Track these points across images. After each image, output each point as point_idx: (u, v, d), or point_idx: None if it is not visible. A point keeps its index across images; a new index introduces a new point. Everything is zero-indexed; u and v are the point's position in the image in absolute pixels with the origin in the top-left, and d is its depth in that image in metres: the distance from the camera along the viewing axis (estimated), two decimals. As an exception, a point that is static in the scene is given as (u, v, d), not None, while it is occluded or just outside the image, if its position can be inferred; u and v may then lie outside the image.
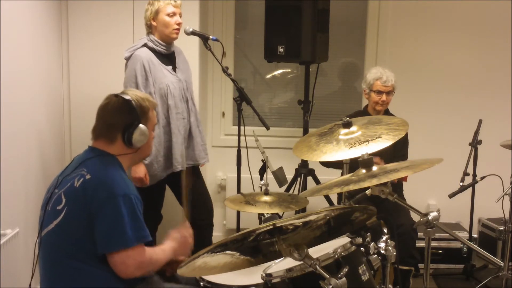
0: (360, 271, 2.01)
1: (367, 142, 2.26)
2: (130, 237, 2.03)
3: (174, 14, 3.23)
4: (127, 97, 2.18)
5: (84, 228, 2.04)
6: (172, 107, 3.23)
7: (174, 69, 3.33)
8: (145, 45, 3.22)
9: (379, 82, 3.51)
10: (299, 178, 3.86)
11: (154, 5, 3.22)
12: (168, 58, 3.32)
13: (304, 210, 3.06)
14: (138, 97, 2.21)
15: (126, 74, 3.21)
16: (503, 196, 3.33)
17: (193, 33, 3.29)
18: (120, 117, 2.16)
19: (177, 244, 2.29)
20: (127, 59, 3.22)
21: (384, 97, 3.51)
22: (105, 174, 2.08)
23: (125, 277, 2.06)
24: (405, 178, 3.52)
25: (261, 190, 2.81)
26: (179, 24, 3.24)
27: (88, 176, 2.07)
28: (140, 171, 3.14)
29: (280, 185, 3.11)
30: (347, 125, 2.38)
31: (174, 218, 3.57)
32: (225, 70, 3.27)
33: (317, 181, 3.82)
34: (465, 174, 3.61)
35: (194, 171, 3.47)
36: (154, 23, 3.23)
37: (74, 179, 2.09)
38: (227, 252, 1.86)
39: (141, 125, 2.16)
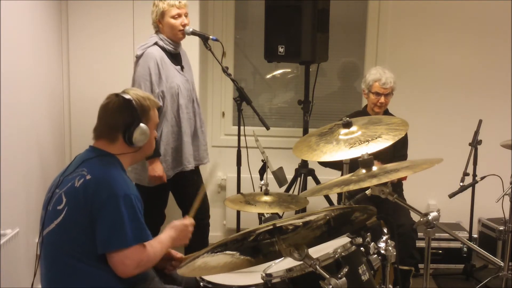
0: (360, 271, 2.01)
1: (367, 142, 2.26)
2: (130, 238, 2.03)
3: (179, 15, 3.22)
4: (127, 96, 2.17)
5: (84, 228, 2.04)
6: (182, 107, 3.24)
7: (182, 69, 3.33)
8: (156, 43, 3.22)
9: (378, 84, 3.51)
10: (299, 178, 3.86)
11: (158, 7, 3.21)
12: (176, 58, 3.33)
13: (304, 210, 3.06)
14: (139, 96, 2.20)
15: (139, 72, 3.19)
16: (503, 196, 3.33)
17: (193, 33, 3.29)
18: (120, 117, 2.16)
19: (176, 232, 2.29)
20: (139, 57, 3.21)
21: (382, 99, 3.52)
22: (106, 174, 2.08)
23: (125, 277, 2.06)
24: (404, 177, 3.52)
25: (261, 190, 2.81)
26: (184, 25, 3.24)
27: (88, 177, 2.07)
28: (158, 169, 3.15)
29: (280, 185, 3.11)
30: (347, 125, 2.38)
31: (176, 219, 3.56)
32: (225, 70, 3.27)
33: (317, 181, 3.82)
34: (465, 174, 3.61)
35: (195, 172, 3.48)
36: (160, 25, 3.23)
37: (75, 179, 2.09)
38: (227, 252, 1.86)
39: (141, 125, 2.16)
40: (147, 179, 3.23)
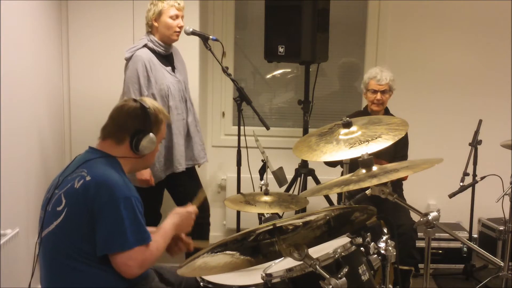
0: (360, 271, 2.01)
1: (367, 142, 2.26)
2: (130, 240, 2.03)
3: (177, 16, 3.23)
4: (145, 104, 2.21)
5: (84, 230, 2.04)
6: (173, 108, 3.24)
7: (173, 70, 3.33)
8: (145, 45, 3.22)
9: (373, 81, 3.55)
10: (299, 178, 3.86)
11: (157, 6, 3.21)
12: (167, 59, 3.32)
13: (304, 210, 3.06)
14: (156, 108, 2.24)
15: (128, 75, 3.20)
16: (503, 196, 3.33)
17: (193, 33, 3.29)
18: (133, 121, 2.18)
19: (180, 219, 2.28)
20: (128, 59, 3.22)
21: (378, 95, 3.53)
22: (106, 176, 2.08)
23: (129, 277, 2.06)
24: (405, 177, 3.52)
25: (261, 190, 2.81)
26: (180, 27, 3.24)
27: (88, 178, 2.07)
28: (145, 172, 3.15)
29: (280, 185, 3.11)
30: (347, 125, 2.38)
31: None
32: (225, 70, 3.27)
33: (317, 181, 3.82)
34: (465, 174, 3.61)
35: (191, 172, 3.47)
36: (155, 24, 3.23)
37: (75, 180, 2.09)
38: (227, 252, 1.86)
39: (151, 134, 2.18)
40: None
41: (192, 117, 3.39)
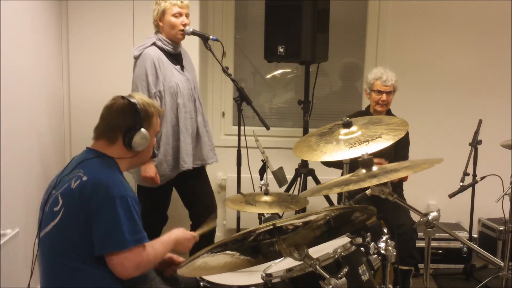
0: (360, 271, 2.01)
1: (367, 142, 2.26)
2: (127, 239, 2.02)
3: (180, 14, 3.22)
4: (133, 100, 2.19)
5: (81, 230, 2.04)
6: (181, 105, 3.24)
7: (182, 68, 3.33)
8: (154, 44, 3.23)
9: (379, 82, 3.53)
10: (299, 178, 3.86)
11: (160, 5, 3.22)
12: (176, 57, 3.32)
13: (304, 210, 3.06)
14: (144, 102, 2.22)
15: (136, 73, 3.20)
16: (503, 196, 3.33)
17: (193, 33, 3.29)
18: (123, 119, 2.17)
19: (182, 237, 2.29)
20: (136, 57, 3.22)
21: (384, 96, 3.52)
22: (102, 176, 2.08)
23: (124, 278, 2.06)
24: (405, 178, 3.52)
25: (261, 190, 2.81)
26: (184, 25, 3.24)
27: (85, 178, 2.06)
28: (150, 170, 3.13)
29: (280, 185, 3.11)
30: (347, 125, 2.38)
31: (179, 220, 3.55)
32: (225, 70, 3.27)
33: (317, 181, 3.82)
34: (465, 174, 3.61)
35: (200, 172, 3.47)
36: (161, 24, 3.24)
37: (71, 181, 2.09)
38: (227, 252, 1.86)
39: (142, 129, 2.17)
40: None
41: (201, 117, 3.38)
